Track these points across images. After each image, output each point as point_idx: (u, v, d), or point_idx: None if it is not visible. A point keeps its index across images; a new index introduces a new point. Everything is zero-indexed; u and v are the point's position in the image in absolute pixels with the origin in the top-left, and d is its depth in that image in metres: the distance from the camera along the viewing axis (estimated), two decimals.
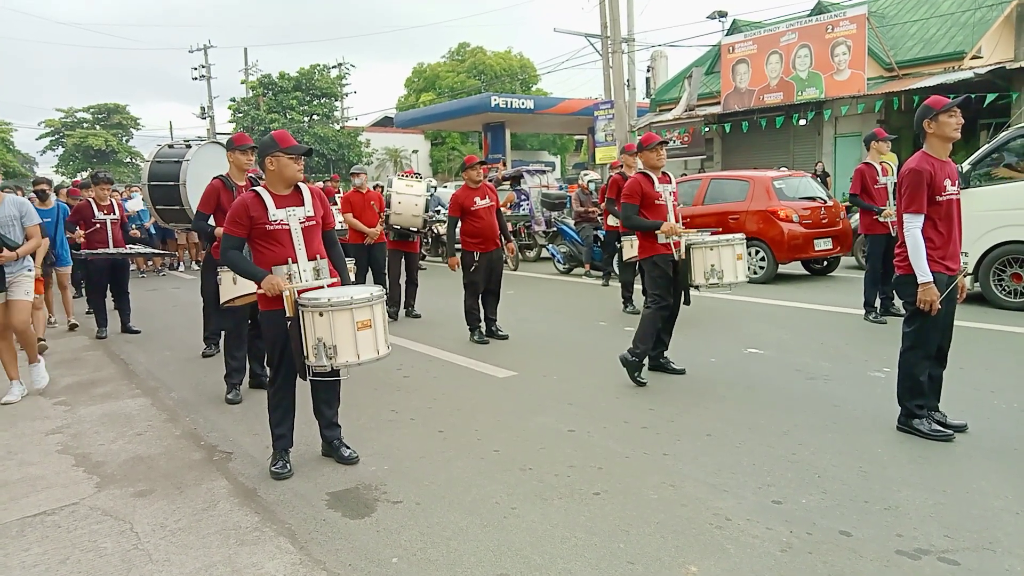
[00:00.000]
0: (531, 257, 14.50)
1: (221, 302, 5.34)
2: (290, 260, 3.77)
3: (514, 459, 3.96)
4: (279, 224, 3.76)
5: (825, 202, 10.52)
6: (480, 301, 7.07)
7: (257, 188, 3.85)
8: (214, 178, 5.45)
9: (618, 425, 4.45)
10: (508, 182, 15.74)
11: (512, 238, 7.29)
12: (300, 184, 3.95)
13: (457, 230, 7.04)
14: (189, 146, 7.59)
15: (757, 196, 10.36)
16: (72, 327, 8.45)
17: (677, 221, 5.40)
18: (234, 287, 5.17)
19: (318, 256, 3.88)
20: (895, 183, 7.02)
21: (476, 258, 6.90)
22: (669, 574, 2.76)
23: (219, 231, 5.36)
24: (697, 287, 5.37)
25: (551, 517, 3.26)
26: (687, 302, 5.53)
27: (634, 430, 4.36)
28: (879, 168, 7.38)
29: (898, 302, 6.74)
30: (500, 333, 7.11)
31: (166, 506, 3.56)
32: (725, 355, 6.07)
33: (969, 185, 7.59)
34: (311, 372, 3.70)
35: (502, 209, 7.30)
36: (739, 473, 3.65)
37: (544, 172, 17.12)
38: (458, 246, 7.11)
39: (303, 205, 3.87)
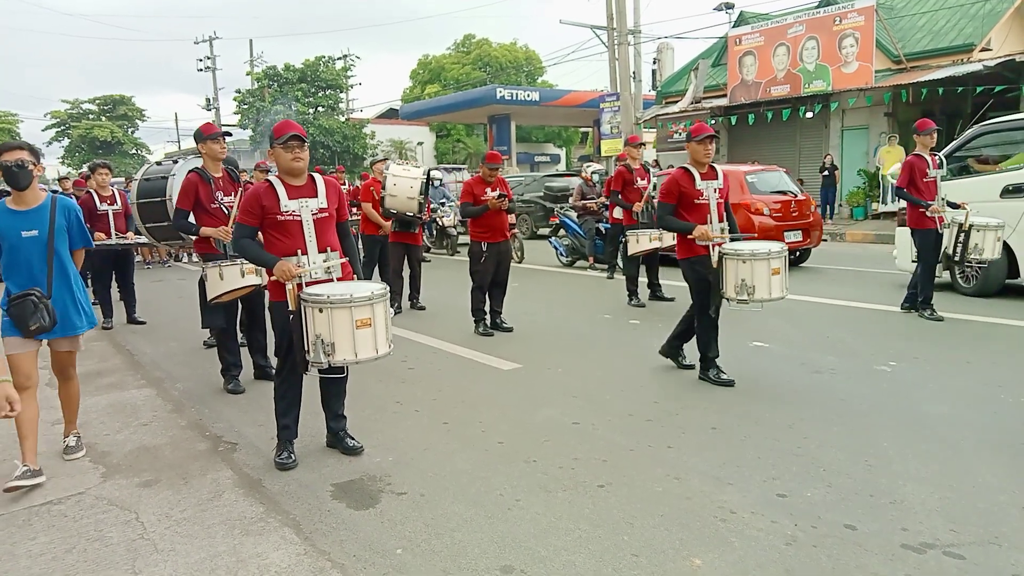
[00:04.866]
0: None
1: (209, 299, 5.33)
2: (299, 252, 3.73)
3: (518, 451, 3.96)
4: (291, 215, 3.74)
5: (796, 196, 11.02)
6: (487, 293, 7.08)
7: (271, 178, 3.82)
8: (189, 171, 5.37)
9: (623, 418, 4.45)
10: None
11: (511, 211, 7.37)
12: (315, 175, 3.90)
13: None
14: (176, 161, 7.58)
15: (731, 190, 10.38)
16: (67, 448, 4.23)
17: (721, 220, 5.06)
18: (220, 283, 5.17)
19: (329, 249, 3.83)
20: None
21: (484, 248, 6.92)
22: (673, 567, 2.76)
23: (204, 230, 5.31)
24: (728, 300, 4.97)
25: (555, 509, 3.26)
26: (716, 314, 5.11)
27: (639, 423, 4.35)
28: (930, 161, 6.88)
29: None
30: (505, 325, 7.11)
31: (171, 496, 3.57)
32: (730, 349, 6.04)
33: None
34: (310, 367, 3.68)
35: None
36: (744, 466, 3.65)
37: (461, 169, 17.56)
38: (466, 239, 7.14)
39: (316, 197, 3.82)
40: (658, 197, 5.15)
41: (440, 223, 14.73)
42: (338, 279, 3.83)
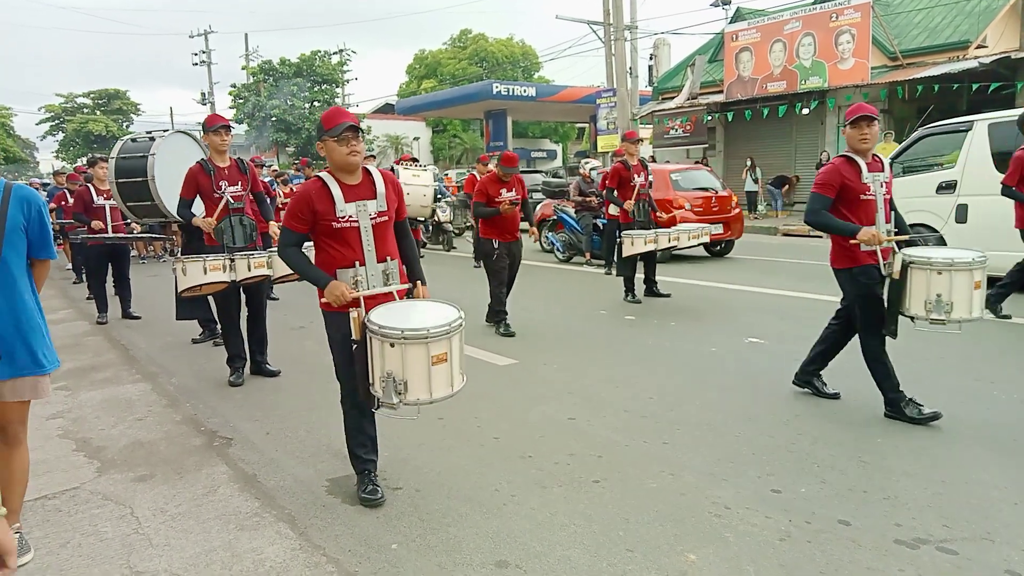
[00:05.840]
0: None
1: (179, 291, 5.31)
2: (357, 263, 3.26)
3: (514, 447, 3.96)
4: (348, 221, 3.22)
5: (717, 192, 12.00)
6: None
7: (322, 175, 3.28)
8: (196, 162, 5.42)
9: (618, 414, 4.46)
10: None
11: (533, 223, 7.16)
12: (371, 169, 3.36)
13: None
14: (153, 139, 7.54)
15: (656, 186, 11.68)
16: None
17: (888, 221, 4.20)
18: (184, 277, 5.15)
19: (388, 258, 3.34)
20: None
21: (495, 246, 6.79)
22: (668, 562, 2.77)
23: (197, 221, 5.29)
24: (913, 319, 4.15)
25: (550, 505, 3.27)
26: (894, 335, 4.22)
27: (634, 419, 4.36)
28: None
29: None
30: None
31: (166, 491, 3.57)
32: (725, 345, 6.06)
33: (895, 176, 8.61)
34: (377, 404, 3.17)
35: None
36: (738, 462, 3.66)
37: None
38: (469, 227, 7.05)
39: (375, 198, 3.29)
40: (812, 187, 4.27)
41: (436, 219, 14.71)
42: (398, 292, 3.36)
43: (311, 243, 3.39)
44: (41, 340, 2.85)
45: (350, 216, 3.22)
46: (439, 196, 15.04)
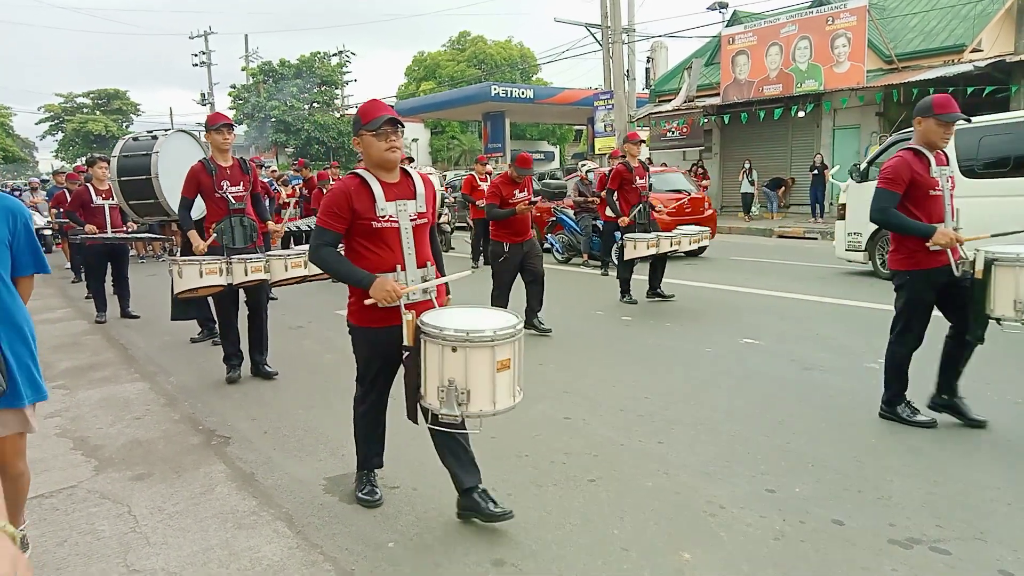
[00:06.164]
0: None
1: (175, 293, 5.31)
2: (398, 267, 3.05)
3: (510, 446, 3.98)
4: (388, 221, 3.02)
5: (690, 194, 12.58)
6: (526, 293, 6.82)
7: (361, 172, 3.09)
8: (198, 161, 5.40)
9: (614, 413, 4.47)
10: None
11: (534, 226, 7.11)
12: (409, 170, 3.20)
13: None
14: (155, 137, 7.56)
15: None
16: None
17: (953, 218, 4.01)
18: (180, 280, 5.14)
19: (428, 263, 3.16)
20: None
21: (505, 249, 6.66)
22: (663, 561, 2.79)
23: (194, 239, 5.27)
24: (999, 320, 3.92)
25: (546, 503, 3.28)
26: (980, 339, 4.03)
27: (630, 418, 4.38)
28: None
29: None
30: (542, 327, 6.73)
31: (164, 490, 3.57)
32: (722, 345, 6.09)
33: (867, 179, 9.25)
34: (436, 420, 2.88)
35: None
36: (733, 462, 3.68)
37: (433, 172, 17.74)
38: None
39: (415, 198, 3.11)
40: (878, 182, 4.00)
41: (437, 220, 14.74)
42: (438, 299, 3.20)
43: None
44: (33, 367, 2.62)
45: (391, 216, 3.03)
46: (442, 199, 15.08)
